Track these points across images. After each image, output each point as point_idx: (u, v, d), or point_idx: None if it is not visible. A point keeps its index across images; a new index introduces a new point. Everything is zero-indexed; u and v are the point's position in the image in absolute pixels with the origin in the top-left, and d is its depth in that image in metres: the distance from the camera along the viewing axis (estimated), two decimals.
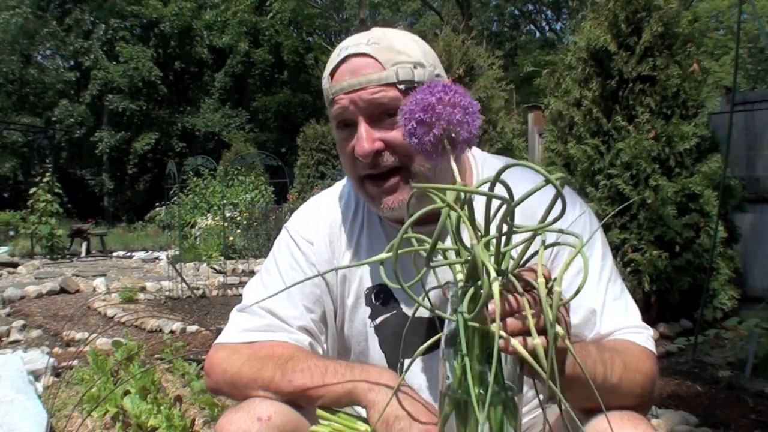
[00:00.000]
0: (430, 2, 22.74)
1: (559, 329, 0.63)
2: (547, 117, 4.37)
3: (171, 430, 2.01)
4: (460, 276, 0.68)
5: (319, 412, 0.86)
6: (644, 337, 0.94)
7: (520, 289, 0.65)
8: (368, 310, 1.05)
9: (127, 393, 2.21)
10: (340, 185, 1.14)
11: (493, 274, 0.61)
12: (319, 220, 1.09)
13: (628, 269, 3.63)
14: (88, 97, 22.55)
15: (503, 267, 0.67)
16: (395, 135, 0.93)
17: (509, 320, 0.64)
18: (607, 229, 3.67)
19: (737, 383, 2.72)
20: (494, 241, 0.66)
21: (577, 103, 3.98)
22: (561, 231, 0.68)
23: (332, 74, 0.95)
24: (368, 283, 1.05)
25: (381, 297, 1.04)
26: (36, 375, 2.73)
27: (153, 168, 23.10)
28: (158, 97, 23.52)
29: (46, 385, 2.73)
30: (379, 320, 1.04)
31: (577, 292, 0.65)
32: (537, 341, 0.61)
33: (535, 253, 0.68)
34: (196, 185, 11.79)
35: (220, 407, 2.25)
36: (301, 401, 0.89)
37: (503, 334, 0.63)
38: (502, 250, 0.66)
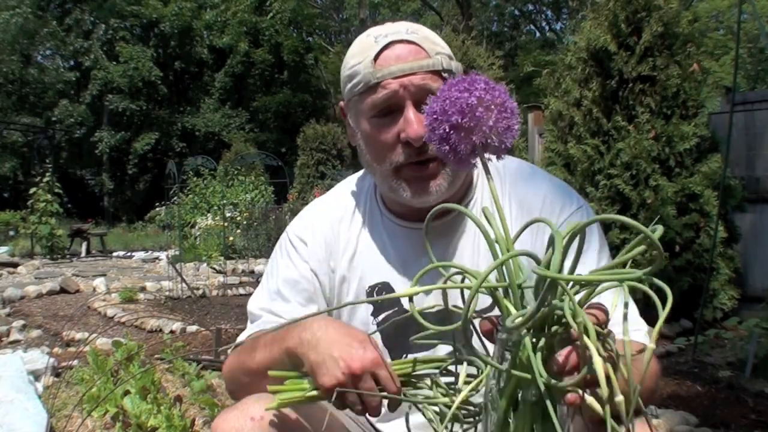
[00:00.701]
0: (430, 2, 22.73)
1: (620, 396, 0.56)
2: (547, 117, 4.37)
3: (171, 430, 2.01)
4: (519, 319, 0.57)
5: (270, 387, 0.82)
6: (644, 333, 0.94)
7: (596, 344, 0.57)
8: (370, 307, 1.05)
9: (127, 393, 2.21)
10: (342, 186, 1.16)
11: (598, 360, 0.52)
12: (316, 221, 1.10)
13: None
14: (88, 97, 22.54)
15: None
16: None
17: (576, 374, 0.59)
18: (607, 229, 3.68)
19: (737, 383, 2.72)
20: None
21: (577, 103, 3.98)
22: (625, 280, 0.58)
23: (376, 59, 0.94)
24: (370, 281, 1.05)
25: (383, 294, 1.04)
26: (36, 375, 2.73)
27: (153, 168, 23.09)
28: (158, 97, 23.51)
29: (46, 385, 2.73)
30: (381, 317, 1.05)
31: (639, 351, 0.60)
32: (620, 398, 0.55)
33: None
34: (196, 185, 11.78)
35: (220, 407, 2.25)
36: (266, 379, 0.87)
37: (584, 395, 0.57)
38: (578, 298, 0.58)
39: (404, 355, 1.02)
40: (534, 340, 0.58)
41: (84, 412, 2.27)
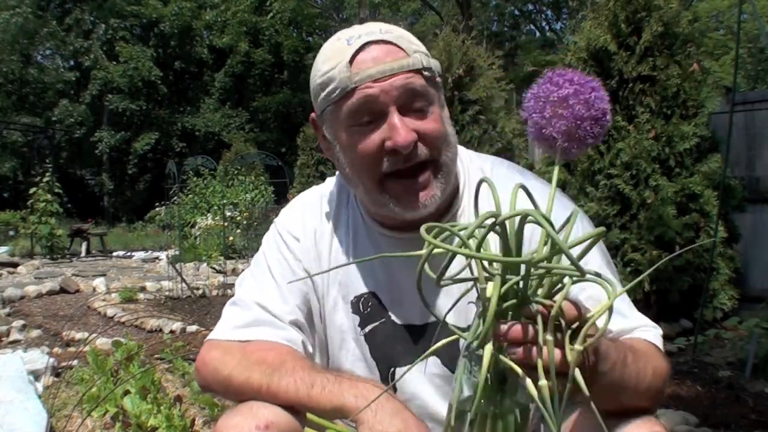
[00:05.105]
0: (430, 2, 22.73)
1: (578, 377, 0.63)
2: None
3: (171, 430, 2.01)
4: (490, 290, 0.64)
5: (309, 421, 0.86)
6: (658, 336, 0.94)
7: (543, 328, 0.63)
8: (351, 316, 1.02)
9: (127, 393, 2.21)
10: (326, 185, 1.11)
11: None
12: (306, 218, 1.06)
13: (628, 269, 3.63)
14: (88, 97, 22.54)
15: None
16: (427, 125, 0.90)
17: (521, 350, 0.64)
18: (607, 229, 3.67)
19: (737, 383, 2.72)
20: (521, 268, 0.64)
21: None
22: (596, 276, 0.66)
23: (351, 62, 0.88)
24: (354, 290, 1.02)
25: (369, 305, 1.01)
26: (36, 375, 2.73)
27: (153, 168, 23.06)
28: (158, 97, 23.52)
29: (46, 385, 2.73)
30: (368, 329, 1.01)
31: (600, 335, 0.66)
32: (543, 383, 0.61)
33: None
34: (196, 185, 11.79)
35: (220, 407, 2.25)
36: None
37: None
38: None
39: (391, 367, 1.01)
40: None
41: (84, 412, 2.27)
